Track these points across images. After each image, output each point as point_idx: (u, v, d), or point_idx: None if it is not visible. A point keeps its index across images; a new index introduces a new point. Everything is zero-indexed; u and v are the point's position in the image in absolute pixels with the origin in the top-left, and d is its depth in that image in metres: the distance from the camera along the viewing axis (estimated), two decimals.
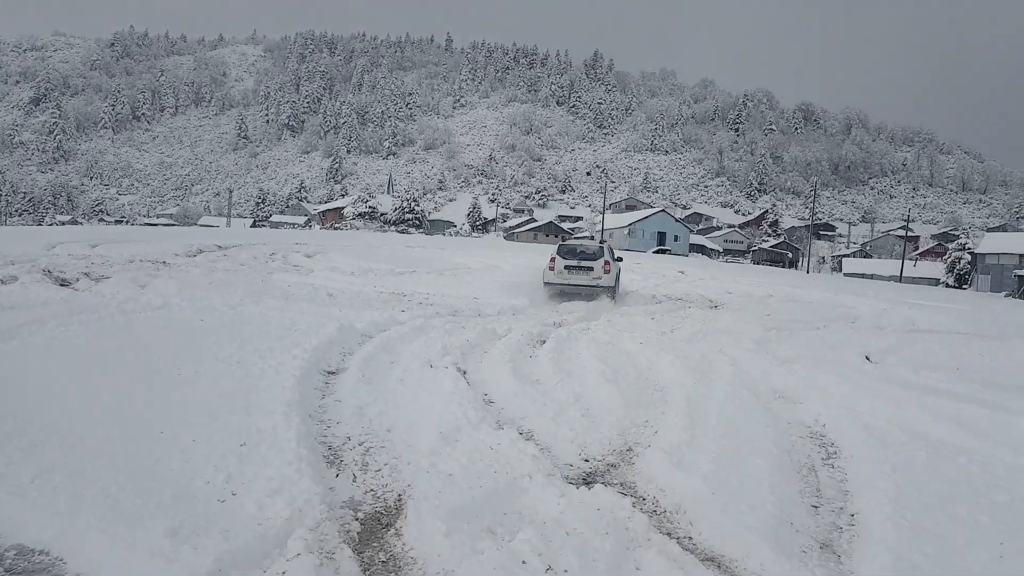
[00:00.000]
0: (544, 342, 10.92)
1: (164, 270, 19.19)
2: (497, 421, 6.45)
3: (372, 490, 4.86)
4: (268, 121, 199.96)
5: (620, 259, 21.03)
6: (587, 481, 5.15)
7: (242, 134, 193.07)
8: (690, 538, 4.29)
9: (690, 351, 10.46)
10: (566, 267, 17.52)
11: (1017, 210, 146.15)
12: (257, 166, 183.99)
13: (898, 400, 7.78)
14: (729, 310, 18.41)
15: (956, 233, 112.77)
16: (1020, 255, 55.65)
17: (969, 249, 62.12)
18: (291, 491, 4.42)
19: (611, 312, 16.46)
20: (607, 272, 17.51)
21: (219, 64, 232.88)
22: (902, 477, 5.09)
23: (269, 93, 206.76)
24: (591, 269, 17.40)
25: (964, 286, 59.39)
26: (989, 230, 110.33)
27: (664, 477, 5.09)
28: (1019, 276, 49.55)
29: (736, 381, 8.32)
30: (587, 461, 5.60)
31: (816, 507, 4.95)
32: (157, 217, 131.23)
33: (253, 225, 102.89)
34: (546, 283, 18.05)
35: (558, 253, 18.23)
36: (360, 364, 7.99)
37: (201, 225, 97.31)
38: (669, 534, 4.30)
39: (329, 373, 7.98)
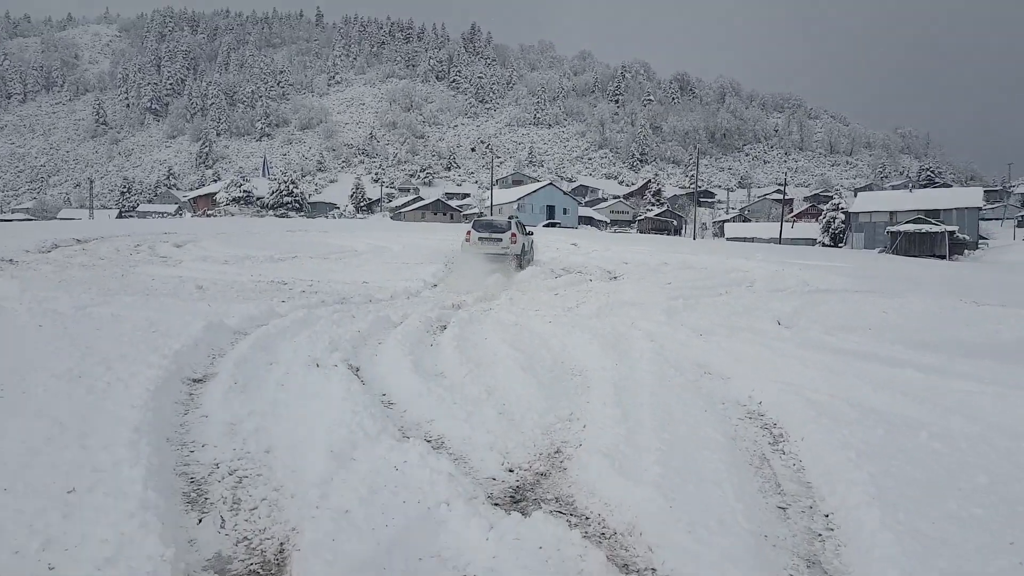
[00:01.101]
0: (445, 327, 9.94)
1: (8, 269, 17.01)
2: (400, 428, 5.45)
3: (246, 539, 3.78)
4: (129, 105, 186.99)
5: (531, 232, 24.63)
6: (516, 499, 4.26)
7: (100, 120, 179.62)
8: (653, 571, 3.45)
9: (602, 327, 9.75)
10: (479, 238, 20.06)
11: (881, 170, 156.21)
12: (120, 153, 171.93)
13: (829, 368, 7.31)
14: (629, 280, 18.00)
15: (828, 194, 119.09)
16: (890, 212, 58.84)
17: (843, 209, 65.16)
18: (131, 557, 3.29)
19: (511, 290, 15.69)
20: (513, 242, 19.99)
21: (70, 46, 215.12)
22: (871, 463, 4.47)
23: (128, 75, 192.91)
24: (500, 240, 19.96)
25: (840, 244, 62.35)
26: (857, 190, 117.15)
27: (607, 487, 4.26)
28: (891, 232, 52.23)
29: (658, 358, 7.64)
30: (512, 472, 4.69)
31: (783, 508, 4.25)
32: (12, 212, 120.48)
33: (119, 216, 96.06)
34: (463, 252, 20.48)
35: (473, 227, 20.72)
36: (232, 368, 6.77)
37: (61, 219, 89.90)
38: (627, 569, 3.46)
39: (195, 381, 6.73)
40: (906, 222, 54.08)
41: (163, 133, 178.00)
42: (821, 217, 69.19)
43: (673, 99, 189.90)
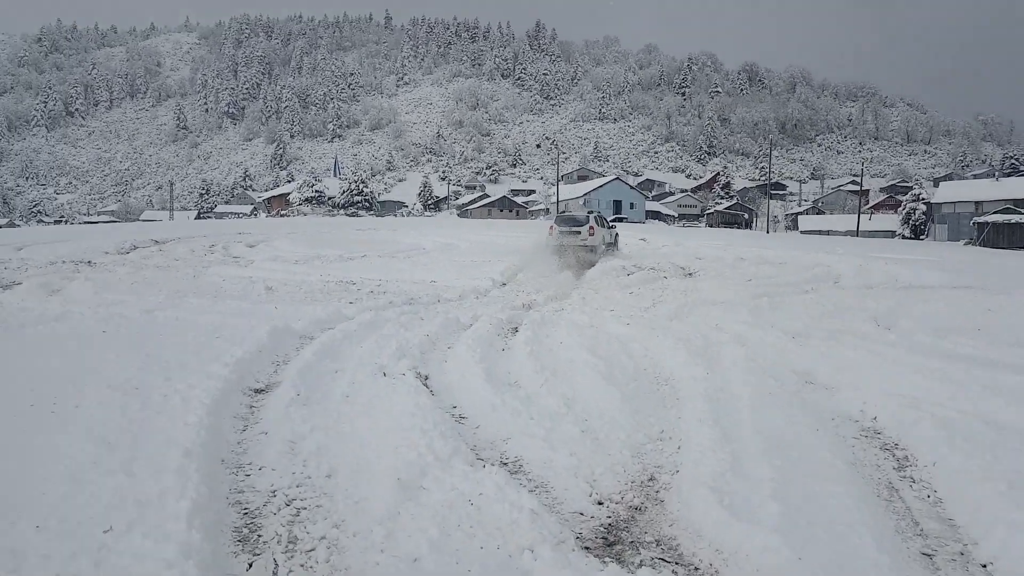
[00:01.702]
0: (517, 330, 9.43)
1: (85, 271, 17.28)
2: (474, 448, 4.95)
3: None
4: (207, 110, 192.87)
5: (613, 225, 26.13)
6: (610, 541, 3.68)
7: (181, 124, 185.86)
8: None
9: (685, 330, 9.07)
10: (560, 232, 21.34)
11: (962, 159, 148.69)
12: (199, 156, 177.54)
13: (947, 376, 6.51)
14: (706, 277, 17.16)
15: (905, 185, 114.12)
16: (976, 203, 55.66)
17: (924, 200, 62.01)
18: None
19: (583, 288, 15.07)
20: (591, 235, 21.12)
21: (152, 54, 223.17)
22: None
23: (207, 81, 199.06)
24: (579, 232, 21.16)
25: (921, 237, 59.36)
26: (936, 180, 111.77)
27: (717, 528, 3.64)
28: (977, 224, 49.39)
29: (752, 366, 6.95)
30: (602, 504, 4.11)
31: (929, 556, 3.57)
32: (98, 215, 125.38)
33: (198, 217, 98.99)
34: (547, 245, 21.34)
35: (555, 222, 22.34)
36: (296, 377, 6.39)
37: (143, 220, 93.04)
38: None
39: (256, 392, 6.38)
40: (993, 212, 51.01)
41: (239, 136, 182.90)
42: (900, 208, 65.95)
43: (741, 90, 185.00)
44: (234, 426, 5.40)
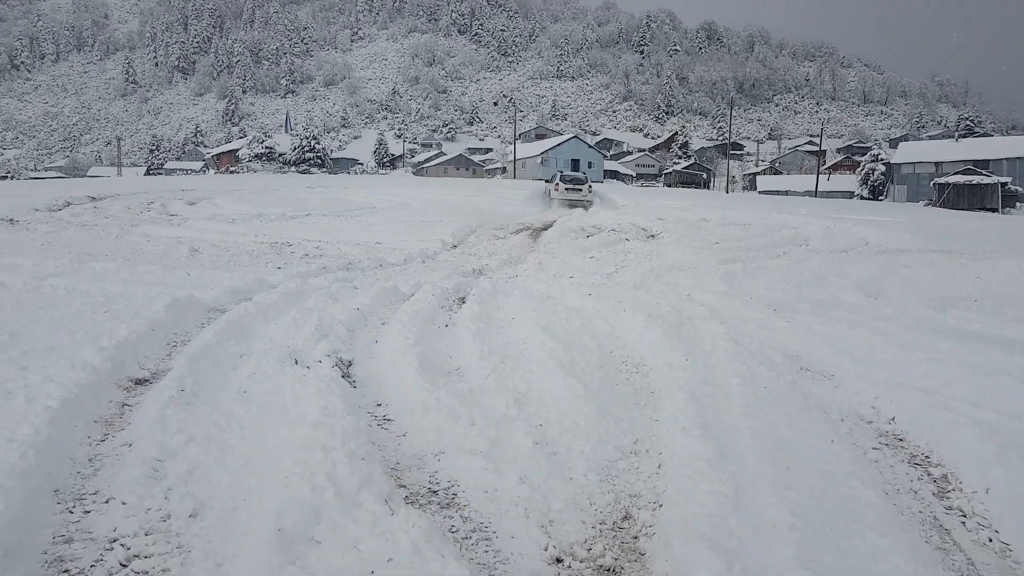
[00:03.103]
0: (464, 300, 8.27)
1: (0, 229, 15.70)
2: (394, 469, 3.81)
3: None
4: (157, 64, 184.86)
5: (592, 184, 32.11)
6: None
7: (130, 79, 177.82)
8: None
9: (653, 302, 8.01)
10: (566, 188, 28.32)
11: (918, 120, 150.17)
12: (149, 112, 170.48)
13: (965, 361, 5.58)
14: (670, 240, 16.15)
15: (862, 145, 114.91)
16: (935, 163, 55.60)
17: (883, 160, 61.89)
18: None
19: (540, 252, 13.96)
20: (590, 191, 28.87)
21: (100, 6, 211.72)
22: None
23: (156, 34, 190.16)
24: (580, 190, 28.51)
25: (880, 198, 59.33)
26: (893, 140, 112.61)
27: None
28: (938, 185, 49.25)
29: (737, 349, 5.90)
30: (561, 563, 3.00)
31: None
32: (45, 170, 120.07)
33: (147, 173, 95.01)
34: (551, 197, 28.63)
35: (560, 180, 29.21)
36: (186, 364, 5.15)
37: (90, 176, 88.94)
38: None
39: (137, 383, 5.14)
40: (954, 173, 50.98)
41: (190, 91, 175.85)
42: (859, 169, 65.84)
43: (700, 49, 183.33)
44: (91, 436, 4.16)
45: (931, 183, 51.46)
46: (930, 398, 4.76)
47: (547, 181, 33.20)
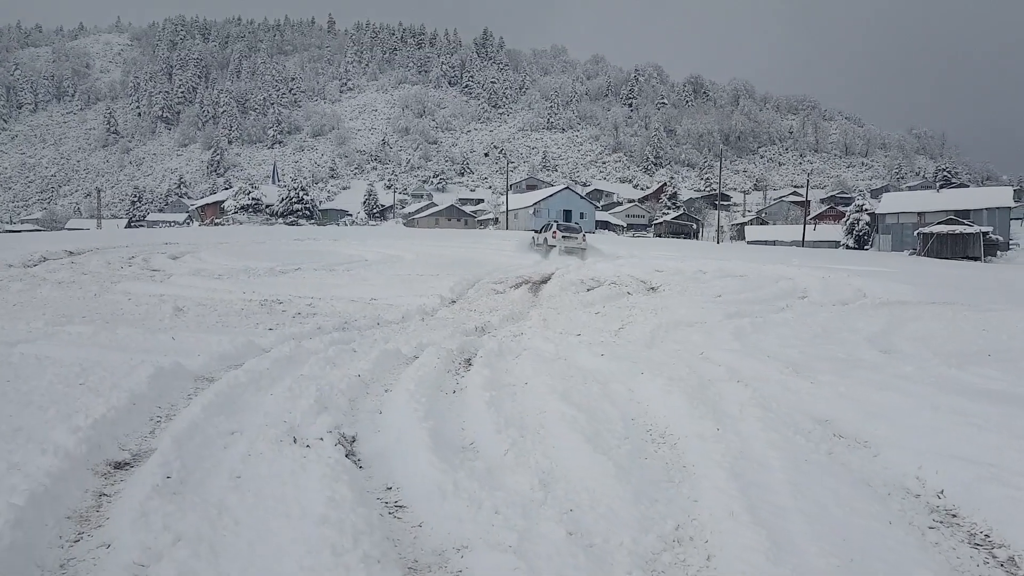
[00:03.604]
0: (470, 363, 7.88)
1: None
2: (411, 569, 3.38)
3: None
4: (140, 114, 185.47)
5: (586, 234, 33.84)
6: None
7: (112, 129, 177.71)
8: None
9: (668, 362, 7.65)
10: (563, 236, 30.21)
11: (897, 171, 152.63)
12: (131, 162, 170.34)
13: (1009, 427, 5.21)
14: (671, 293, 15.89)
15: (845, 196, 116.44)
16: (919, 213, 56.29)
17: (867, 210, 62.58)
18: None
19: (542, 307, 13.60)
20: (584, 240, 30.76)
21: (81, 55, 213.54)
22: None
23: (139, 84, 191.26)
24: (576, 238, 30.52)
25: (865, 247, 59.76)
26: (874, 191, 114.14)
27: None
28: (922, 234, 49.81)
29: (767, 416, 5.54)
30: None
31: None
32: (21, 223, 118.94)
33: (128, 225, 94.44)
34: (548, 245, 30.33)
35: (557, 228, 31.07)
36: (172, 445, 4.71)
37: (69, 229, 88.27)
38: None
39: (116, 468, 4.69)
40: (937, 223, 51.64)
41: (174, 142, 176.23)
42: (844, 219, 66.52)
43: (687, 102, 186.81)
44: (63, 535, 3.71)
45: (915, 232, 52.08)
46: (977, 469, 4.40)
47: (536, 231, 34.46)
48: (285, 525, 3.60)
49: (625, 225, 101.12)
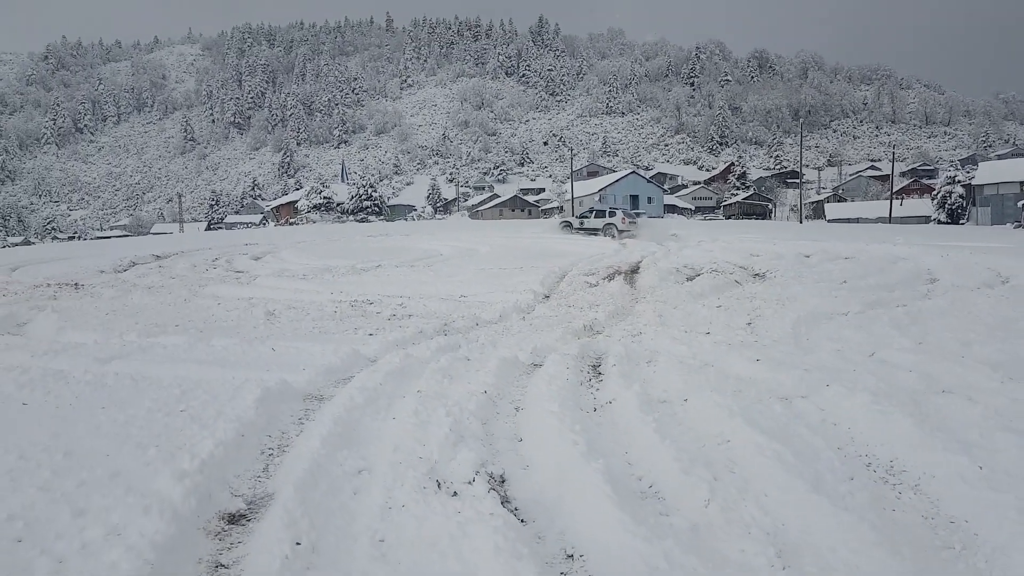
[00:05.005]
0: (598, 371, 6.85)
1: (65, 296, 14.99)
2: None
3: None
4: (214, 121, 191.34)
5: (638, 215, 39.63)
6: None
7: (188, 136, 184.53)
8: None
9: (842, 367, 6.45)
10: (628, 221, 32.98)
11: (984, 139, 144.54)
12: (207, 168, 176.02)
13: None
14: (786, 280, 14.47)
15: (927, 168, 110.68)
16: (1021, 183, 52.39)
17: (961, 182, 58.69)
18: None
19: (648, 300, 12.45)
20: (633, 224, 33.43)
21: (157, 67, 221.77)
22: None
23: (211, 92, 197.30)
24: (635, 221, 34.00)
25: (960, 221, 56.14)
26: (960, 161, 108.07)
27: None
28: None
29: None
30: None
31: None
32: (110, 229, 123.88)
33: (207, 228, 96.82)
34: (618, 232, 31.58)
35: (623, 214, 33.52)
36: (296, 493, 3.84)
37: (154, 233, 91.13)
38: None
39: (231, 521, 3.84)
40: None
41: (246, 146, 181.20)
42: (935, 192, 62.62)
43: (752, 78, 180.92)
44: None
45: (1017, 203, 48.38)
46: None
47: (577, 217, 36.09)
48: None
49: (692, 208, 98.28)
